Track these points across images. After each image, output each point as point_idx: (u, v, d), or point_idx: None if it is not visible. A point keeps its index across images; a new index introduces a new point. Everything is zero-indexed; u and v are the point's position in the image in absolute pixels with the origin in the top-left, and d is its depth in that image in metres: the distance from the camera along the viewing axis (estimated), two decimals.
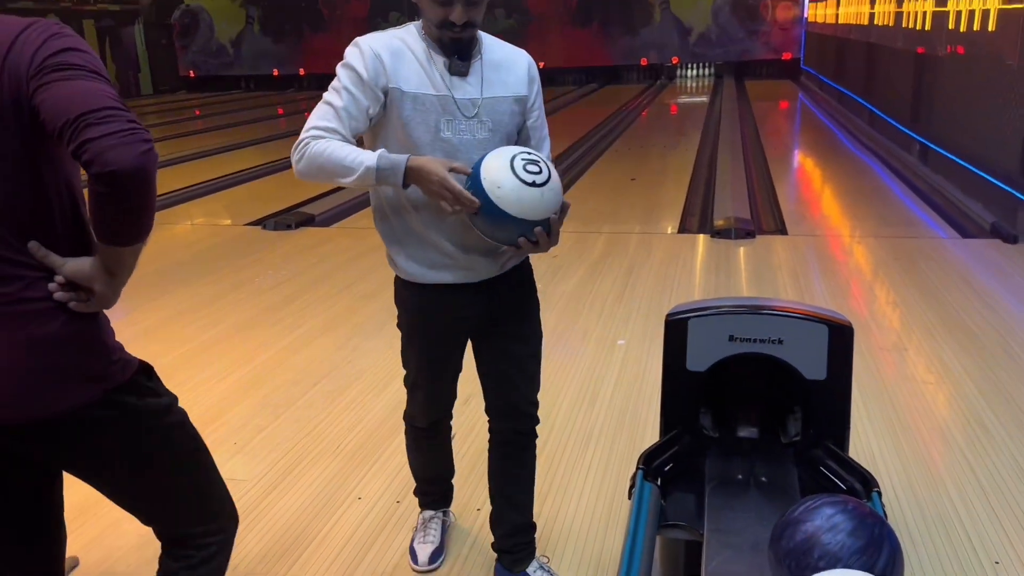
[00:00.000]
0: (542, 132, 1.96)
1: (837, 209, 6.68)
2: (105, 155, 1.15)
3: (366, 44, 1.78)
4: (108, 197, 1.20)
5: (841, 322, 1.89)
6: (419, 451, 2.28)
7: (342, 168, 1.71)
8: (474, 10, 1.74)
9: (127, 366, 1.41)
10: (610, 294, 4.49)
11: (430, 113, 1.77)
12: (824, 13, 14.74)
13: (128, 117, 1.20)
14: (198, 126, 14.23)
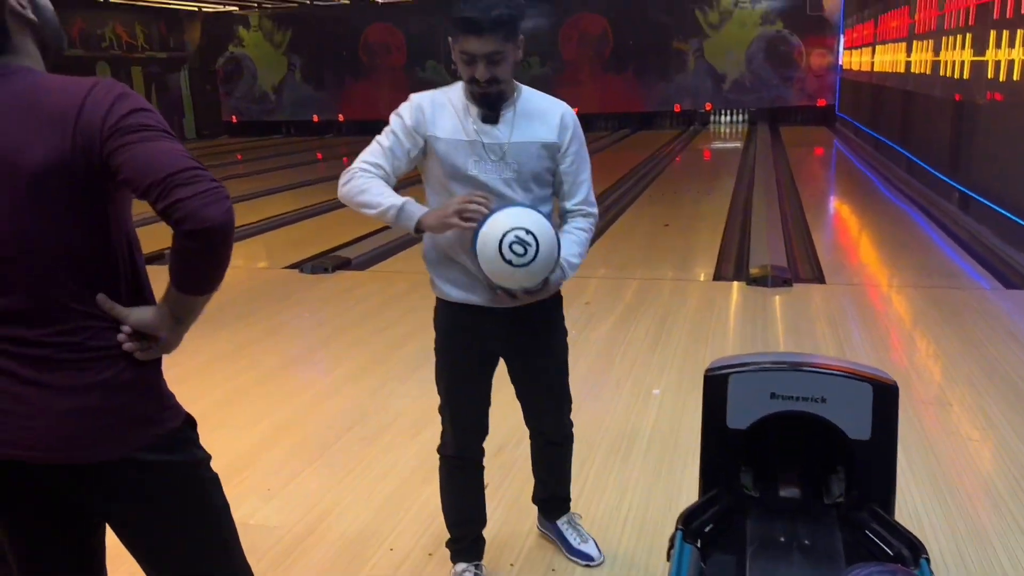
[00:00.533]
0: (577, 178, 2.15)
1: (875, 258, 6.59)
2: (198, 214, 1.23)
3: (415, 98, 2.09)
4: (198, 252, 1.28)
5: (886, 381, 1.85)
6: (450, 487, 2.34)
7: (373, 201, 1.99)
8: (496, 68, 1.95)
9: (177, 413, 1.45)
10: (644, 342, 4.46)
11: (460, 155, 2.03)
12: (859, 60, 14.75)
13: (210, 176, 1.27)
14: (239, 170, 14.55)
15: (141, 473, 1.39)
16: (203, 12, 21.31)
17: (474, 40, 1.91)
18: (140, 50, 19.88)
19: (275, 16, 21.25)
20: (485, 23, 1.88)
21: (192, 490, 1.47)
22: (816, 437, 1.92)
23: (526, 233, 1.88)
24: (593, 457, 3.13)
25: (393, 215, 1.98)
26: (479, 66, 1.93)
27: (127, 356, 1.36)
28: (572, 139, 2.11)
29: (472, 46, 1.92)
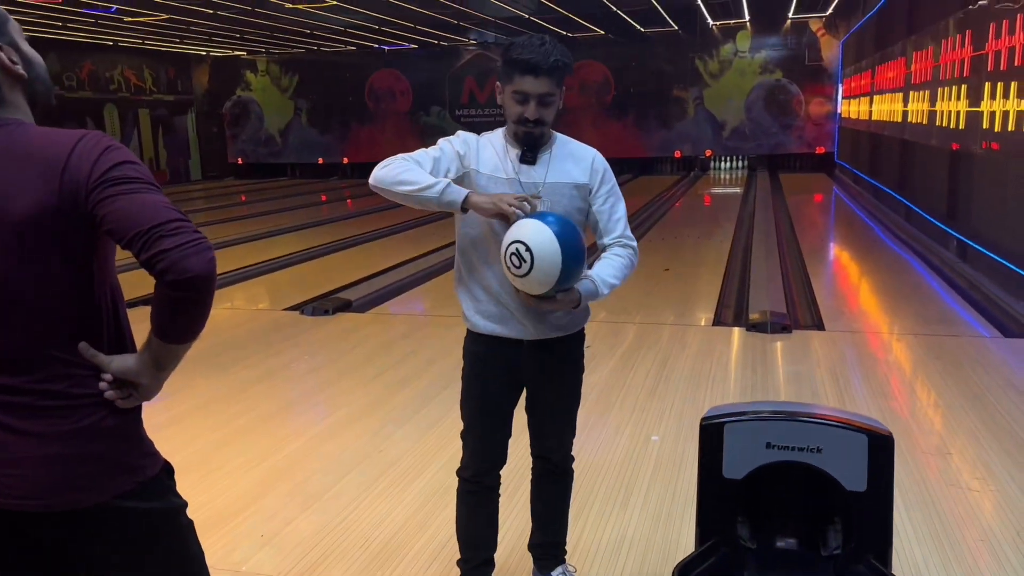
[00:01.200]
0: (611, 216, 2.27)
1: (875, 305, 6.61)
2: (181, 264, 1.25)
3: (462, 134, 2.23)
4: (181, 301, 1.30)
5: (881, 431, 1.85)
6: (465, 509, 2.41)
7: (415, 179, 2.02)
8: (545, 110, 2.11)
9: (156, 460, 1.46)
10: (643, 387, 4.45)
11: (499, 191, 2.13)
12: (857, 109, 14.95)
13: (192, 228, 1.30)
14: (244, 211, 14.68)
15: (120, 520, 1.39)
16: (211, 56, 21.68)
17: (531, 80, 2.06)
18: (148, 93, 20.19)
19: (282, 61, 21.63)
20: (544, 66, 2.04)
21: (170, 538, 1.47)
22: (812, 487, 1.92)
23: (525, 249, 1.96)
24: (591, 503, 3.10)
25: (439, 189, 2.01)
26: (531, 105, 2.08)
27: (108, 404, 1.37)
28: (603, 180, 2.25)
29: (528, 86, 2.07)
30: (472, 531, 2.42)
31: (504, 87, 2.12)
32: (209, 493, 3.26)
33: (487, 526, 2.42)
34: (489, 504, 2.40)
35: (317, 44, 19.47)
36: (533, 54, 2.04)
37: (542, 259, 1.97)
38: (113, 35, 16.99)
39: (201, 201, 16.80)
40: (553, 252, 1.98)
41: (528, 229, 1.99)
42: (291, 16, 14.47)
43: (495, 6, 14.36)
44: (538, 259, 1.97)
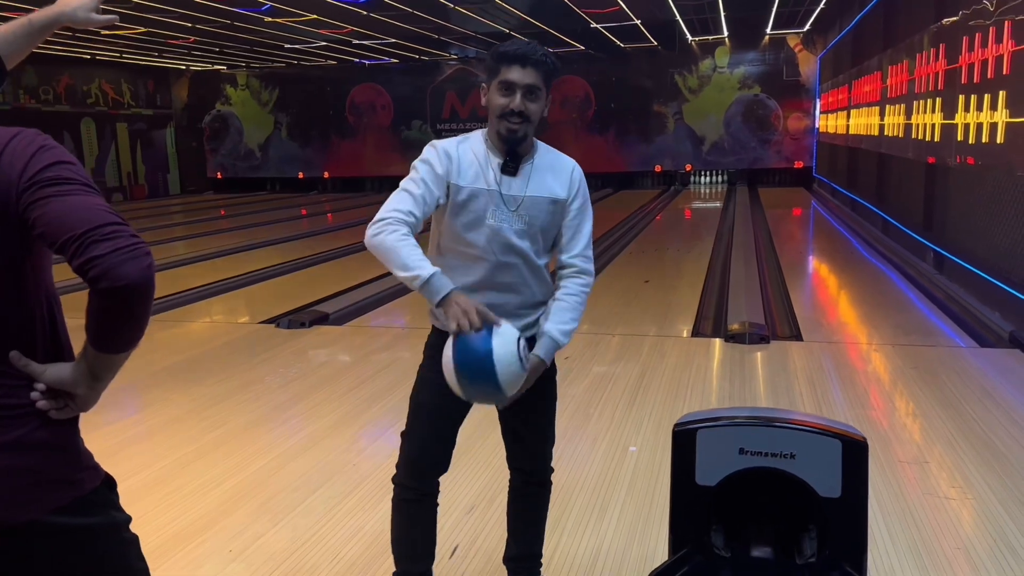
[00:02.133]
0: (576, 231, 2.22)
1: (853, 316, 6.63)
2: (114, 271, 1.18)
3: (441, 146, 2.14)
4: (115, 311, 1.22)
5: (855, 437, 1.82)
6: (400, 515, 2.30)
7: (401, 263, 1.98)
8: (530, 104, 2.08)
9: (95, 474, 1.39)
10: (622, 398, 4.42)
11: (480, 202, 2.12)
12: (835, 124, 15.10)
13: (129, 232, 1.22)
14: (224, 225, 14.56)
15: (56, 538, 1.32)
16: (191, 70, 21.58)
17: (517, 70, 2.06)
18: (126, 107, 20.04)
19: (263, 75, 21.57)
20: (532, 56, 2.07)
21: (111, 554, 1.40)
22: (787, 494, 1.88)
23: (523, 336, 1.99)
24: (568, 515, 3.06)
25: (419, 285, 1.97)
26: (516, 96, 2.06)
27: (40, 414, 1.30)
28: (578, 195, 2.22)
29: (515, 75, 2.06)
30: (409, 542, 2.31)
31: (489, 84, 2.11)
32: (177, 509, 3.18)
33: (425, 536, 2.32)
34: (428, 513, 2.30)
35: (298, 58, 19.44)
36: (519, 47, 2.08)
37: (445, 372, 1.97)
38: (91, 48, 16.87)
39: (180, 215, 16.66)
40: (449, 372, 1.96)
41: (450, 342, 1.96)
42: (271, 30, 14.44)
43: (476, 21, 14.41)
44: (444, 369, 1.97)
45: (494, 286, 2.17)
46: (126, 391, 4.67)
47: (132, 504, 3.16)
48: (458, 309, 1.93)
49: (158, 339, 5.98)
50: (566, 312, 2.18)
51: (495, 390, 1.94)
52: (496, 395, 1.97)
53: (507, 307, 2.17)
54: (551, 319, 2.17)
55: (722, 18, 15.29)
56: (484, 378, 1.92)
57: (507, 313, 2.13)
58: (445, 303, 1.96)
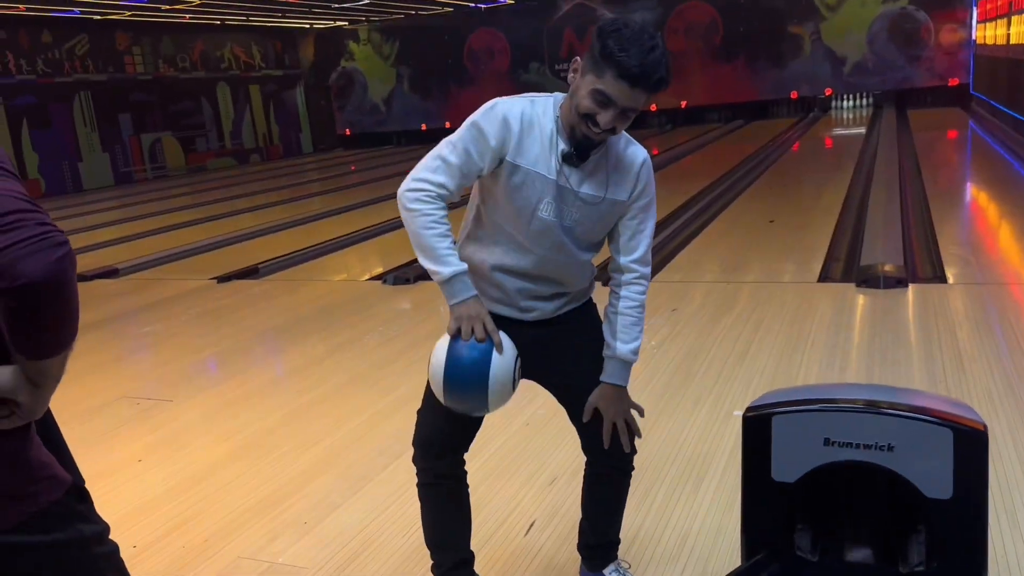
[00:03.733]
0: (638, 232, 1.96)
1: (1012, 252, 5.87)
2: (14, 268, 1.02)
3: (501, 110, 1.84)
4: (22, 311, 1.07)
5: (972, 424, 1.48)
6: (422, 502, 2.14)
7: (428, 252, 1.83)
8: (622, 123, 1.78)
9: (55, 484, 1.25)
10: (732, 354, 4.06)
11: (535, 189, 1.85)
12: (995, 34, 13.45)
13: (38, 219, 1.06)
14: (354, 179, 14.87)
15: (11, 558, 1.20)
16: (315, 29, 22.04)
17: (624, 88, 1.70)
18: (257, 69, 20.76)
19: (383, 29, 21.71)
20: (645, 81, 1.70)
21: (79, 571, 1.28)
22: (885, 493, 1.57)
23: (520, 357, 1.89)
24: (656, 490, 2.81)
25: (438, 280, 1.85)
26: (609, 113, 1.73)
27: None
28: (643, 193, 1.94)
29: (615, 91, 1.71)
30: (432, 529, 2.14)
31: (586, 72, 1.75)
32: (264, 476, 3.18)
33: (453, 522, 2.13)
34: (448, 497, 2.11)
35: (415, 8, 19.38)
36: (638, 61, 1.68)
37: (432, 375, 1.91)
38: (219, 14, 17.49)
39: (315, 172, 17.19)
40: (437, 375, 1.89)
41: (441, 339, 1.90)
42: None
43: None
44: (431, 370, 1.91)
45: (532, 275, 1.95)
46: (230, 355, 4.77)
47: (225, 468, 3.22)
48: (467, 314, 1.82)
49: (271, 298, 6.12)
50: (633, 328, 1.97)
51: (480, 405, 1.85)
52: (479, 409, 1.86)
53: (543, 293, 1.98)
54: (619, 337, 1.96)
55: None
56: (473, 390, 1.82)
57: (540, 297, 1.98)
58: (456, 306, 1.84)
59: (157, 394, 4.12)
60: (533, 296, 1.97)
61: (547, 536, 2.59)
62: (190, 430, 3.68)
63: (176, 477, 3.21)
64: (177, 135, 18.41)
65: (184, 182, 16.56)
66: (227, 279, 6.77)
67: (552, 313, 2.00)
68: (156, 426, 3.74)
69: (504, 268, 1.94)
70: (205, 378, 4.42)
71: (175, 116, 18.39)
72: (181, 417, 3.84)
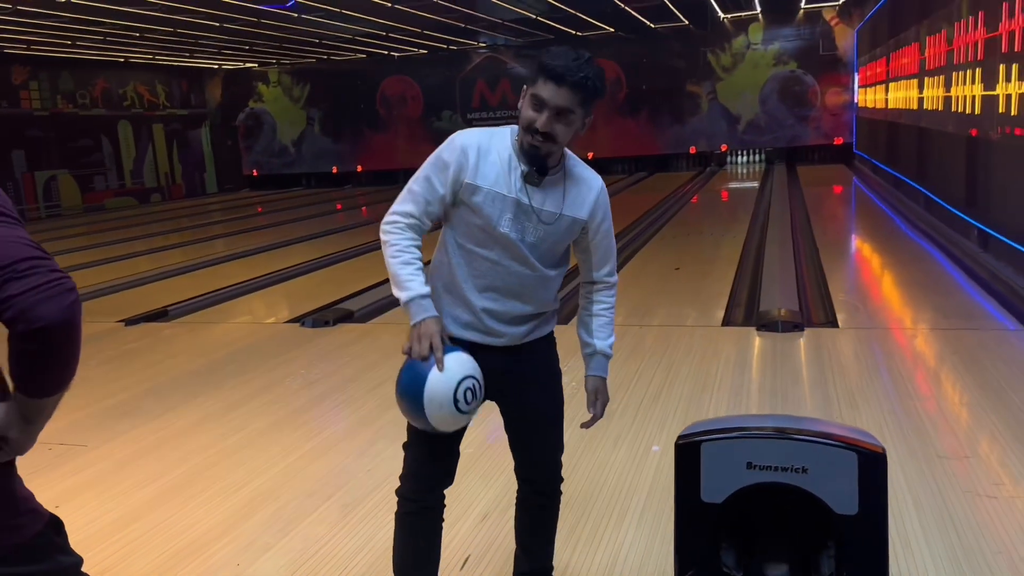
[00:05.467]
0: (608, 251, 2.23)
1: (893, 299, 6.38)
2: (31, 312, 1.09)
3: (460, 141, 2.03)
4: (36, 354, 1.13)
5: (872, 448, 1.69)
6: (403, 530, 2.21)
7: (393, 279, 2.03)
8: (557, 125, 1.93)
9: (36, 518, 1.30)
10: (647, 393, 4.29)
11: (496, 207, 2.00)
12: (874, 98, 14.63)
13: (50, 266, 1.13)
14: (260, 222, 14.66)
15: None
16: (223, 69, 21.77)
17: (551, 88, 1.91)
18: (161, 108, 20.30)
19: (293, 71, 21.66)
20: (569, 77, 1.90)
21: None
22: (801, 511, 1.76)
23: (477, 383, 1.96)
24: (584, 522, 2.95)
25: (401, 304, 2.01)
26: (544, 115, 1.93)
27: None
28: (605, 215, 2.16)
29: (546, 93, 1.92)
30: (412, 556, 2.22)
31: (527, 89, 1.98)
32: (191, 519, 3.15)
33: (428, 551, 2.23)
34: (432, 527, 2.22)
35: (327, 53, 19.46)
36: (562, 62, 1.90)
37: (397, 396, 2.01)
38: (125, 52, 17.09)
39: (219, 214, 16.83)
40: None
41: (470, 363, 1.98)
42: (300, 26, 14.45)
43: (504, 8, 14.24)
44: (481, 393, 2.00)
45: (500, 291, 2.09)
46: (149, 397, 4.67)
47: (151, 512, 3.18)
48: (418, 333, 1.96)
49: (185, 342, 6.01)
50: (608, 327, 2.26)
51: (422, 421, 1.97)
52: (424, 425, 1.98)
53: (511, 313, 2.10)
54: (596, 336, 2.24)
55: None
56: (413, 405, 1.95)
57: (509, 319, 2.10)
58: (415, 327, 1.98)
59: (71, 439, 3.99)
60: (502, 319, 2.08)
61: (483, 569, 2.69)
62: (109, 475, 3.60)
63: (98, 523, 3.14)
64: (74, 173, 17.73)
65: (81, 221, 15.93)
66: (135, 322, 6.59)
67: (521, 339, 2.12)
68: (72, 471, 3.64)
69: (473, 287, 2.06)
70: (121, 423, 4.31)
71: (73, 154, 17.72)
72: (98, 463, 3.75)
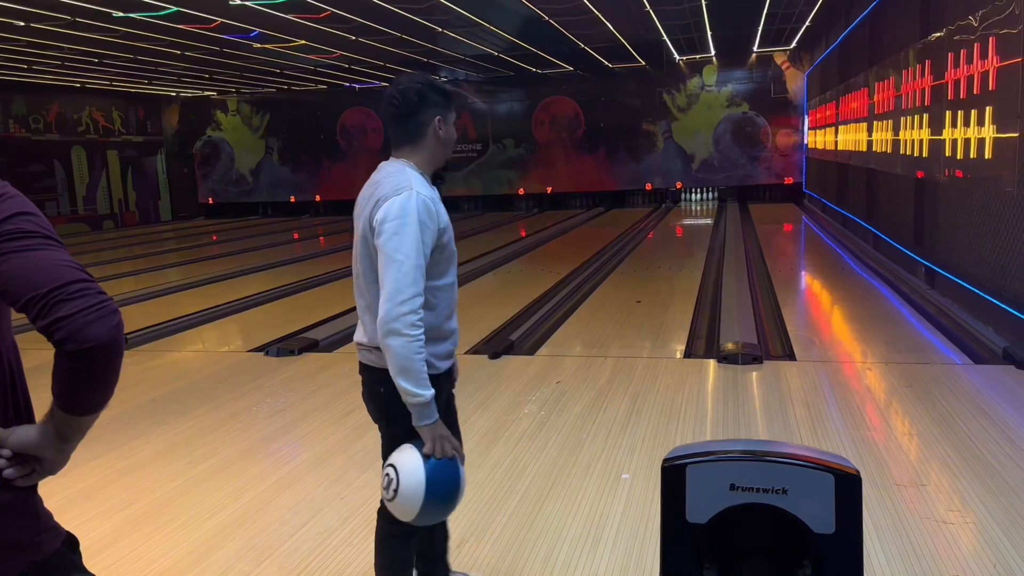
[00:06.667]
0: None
1: (846, 333, 6.60)
2: (81, 333, 1.13)
3: (422, 197, 2.10)
4: (84, 372, 1.17)
5: (848, 470, 1.78)
6: (384, 550, 2.33)
7: (413, 376, 2.05)
8: None
9: (56, 535, 1.32)
10: (615, 423, 4.37)
11: (450, 231, 2.22)
12: (824, 140, 15.16)
13: (96, 288, 1.18)
14: (214, 251, 14.50)
15: None
16: (181, 97, 21.61)
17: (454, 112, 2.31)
18: (117, 134, 20.02)
19: (253, 100, 21.59)
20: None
21: None
22: (781, 530, 1.84)
23: (395, 474, 2.09)
24: (558, 551, 3.00)
25: (418, 402, 2.07)
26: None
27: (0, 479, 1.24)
28: None
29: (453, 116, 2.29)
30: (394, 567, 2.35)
31: (446, 117, 2.24)
32: (164, 545, 3.12)
33: (410, 567, 2.36)
34: (411, 549, 2.36)
35: (288, 83, 19.47)
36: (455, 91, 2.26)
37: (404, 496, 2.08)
38: (81, 77, 16.88)
39: (172, 242, 16.60)
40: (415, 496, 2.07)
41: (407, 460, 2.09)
42: (261, 56, 14.46)
43: (465, 44, 14.47)
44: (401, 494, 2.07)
45: (456, 304, 2.30)
46: (113, 424, 4.60)
47: (119, 541, 3.13)
48: (440, 433, 2.09)
49: (146, 369, 5.92)
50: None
51: (446, 512, 2.17)
52: (442, 516, 2.18)
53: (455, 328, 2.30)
54: None
55: (708, 37, 15.38)
56: (448, 501, 2.10)
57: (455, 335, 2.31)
58: (432, 427, 2.09)
59: None
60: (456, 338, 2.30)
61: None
62: (74, 505, 3.53)
63: None
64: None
65: None
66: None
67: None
68: None
69: (447, 317, 2.23)
70: (83, 452, 4.20)
71: (24, 179, 17.33)
72: (61, 492, 3.66)
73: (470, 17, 11.78)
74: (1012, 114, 5.46)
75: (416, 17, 11.45)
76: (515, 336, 6.37)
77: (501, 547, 3.03)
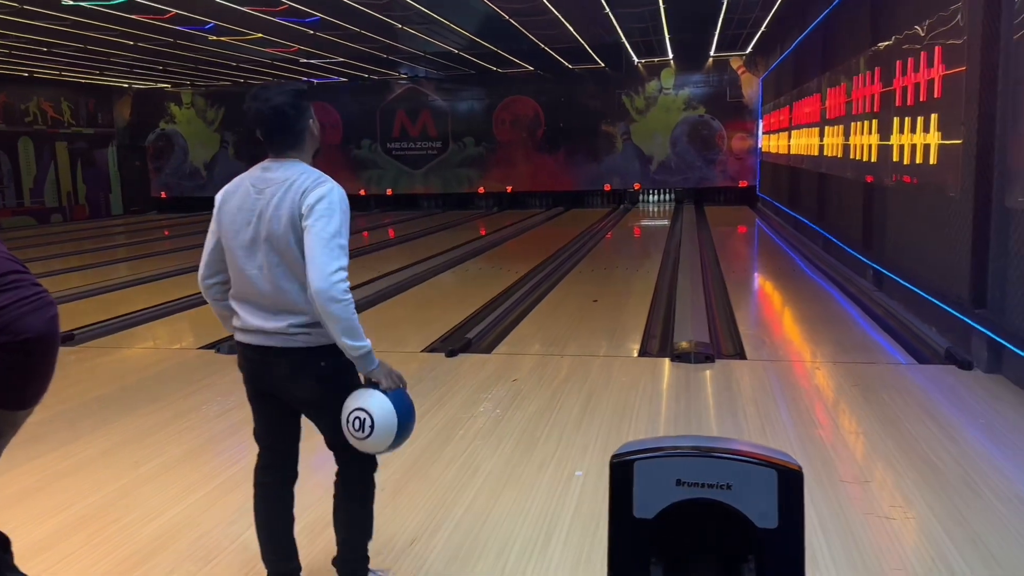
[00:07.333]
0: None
1: (796, 333, 6.72)
2: (16, 324, 1.11)
3: (338, 188, 2.39)
4: (18, 365, 1.14)
5: (791, 466, 1.80)
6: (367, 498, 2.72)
7: (355, 333, 2.30)
8: None
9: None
10: (569, 421, 4.38)
11: None
12: (777, 144, 15.42)
13: (31, 280, 1.15)
14: (166, 246, 14.21)
15: None
16: (133, 88, 21.14)
17: None
18: (66, 125, 19.52)
19: (208, 93, 21.22)
20: None
21: None
22: (726, 525, 1.86)
23: (368, 418, 2.34)
24: (510, 549, 3.00)
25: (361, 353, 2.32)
26: None
27: None
28: None
29: None
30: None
31: (314, 118, 2.52)
32: (106, 547, 3.04)
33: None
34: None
35: (244, 76, 19.17)
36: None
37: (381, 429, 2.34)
38: (29, 66, 16.41)
39: (123, 236, 16.24)
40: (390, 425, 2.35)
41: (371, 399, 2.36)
42: (216, 48, 14.22)
43: (424, 41, 14.40)
44: (378, 428, 2.34)
45: None
46: (54, 423, 4.47)
47: (60, 543, 3.05)
48: (390, 371, 2.41)
49: (93, 367, 5.78)
50: None
51: (410, 432, 2.45)
52: (407, 436, 2.44)
53: None
54: None
55: (667, 40, 15.55)
56: (413, 421, 2.44)
57: None
58: (381, 366, 2.38)
59: None
60: None
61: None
62: (13, 505, 3.43)
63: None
64: None
65: None
66: None
67: None
68: None
69: None
70: (26, 450, 4.10)
71: None
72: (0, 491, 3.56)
73: (429, 14, 11.72)
74: (956, 121, 5.61)
75: (375, 13, 11.36)
76: (472, 334, 6.36)
77: (453, 545, 3.02)
